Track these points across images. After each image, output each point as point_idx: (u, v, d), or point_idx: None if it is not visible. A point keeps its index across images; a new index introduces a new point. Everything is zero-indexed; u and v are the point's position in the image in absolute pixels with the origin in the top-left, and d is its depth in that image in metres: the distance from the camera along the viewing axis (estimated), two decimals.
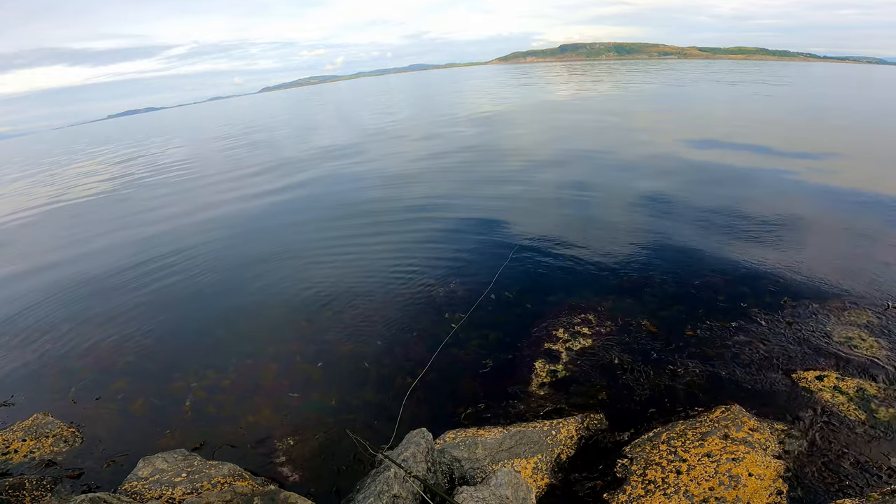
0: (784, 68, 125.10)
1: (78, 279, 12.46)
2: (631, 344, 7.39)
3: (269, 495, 3.89)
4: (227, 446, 6.26)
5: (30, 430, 6.54)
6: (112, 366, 8.36)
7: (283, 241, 13.58)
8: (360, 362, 7.70)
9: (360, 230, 13.50)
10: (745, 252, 10.09)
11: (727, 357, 6.92)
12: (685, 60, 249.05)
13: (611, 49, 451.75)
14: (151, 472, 4.99)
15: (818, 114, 31.91)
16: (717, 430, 5.36)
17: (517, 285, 9.49)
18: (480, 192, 16.09)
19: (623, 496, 4.77)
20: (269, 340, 8.61)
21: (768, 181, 15.22)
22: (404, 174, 19.90)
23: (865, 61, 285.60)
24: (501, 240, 11.81)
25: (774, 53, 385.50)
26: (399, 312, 9.01)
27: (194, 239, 14.66)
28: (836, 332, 7.18)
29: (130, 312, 10.23)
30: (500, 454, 5.22)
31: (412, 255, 11.35)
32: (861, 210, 12.34)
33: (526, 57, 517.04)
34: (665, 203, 13.57)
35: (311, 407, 6.85)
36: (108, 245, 15.26)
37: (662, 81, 65.68)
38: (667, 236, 11.24)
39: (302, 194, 18.65)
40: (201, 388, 7.49)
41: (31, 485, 5.19)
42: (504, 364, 7.29)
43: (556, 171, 18.06)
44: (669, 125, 26.77)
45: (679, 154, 19.64)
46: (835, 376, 6.21)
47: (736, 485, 4.61)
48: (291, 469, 5.82)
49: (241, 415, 6.82)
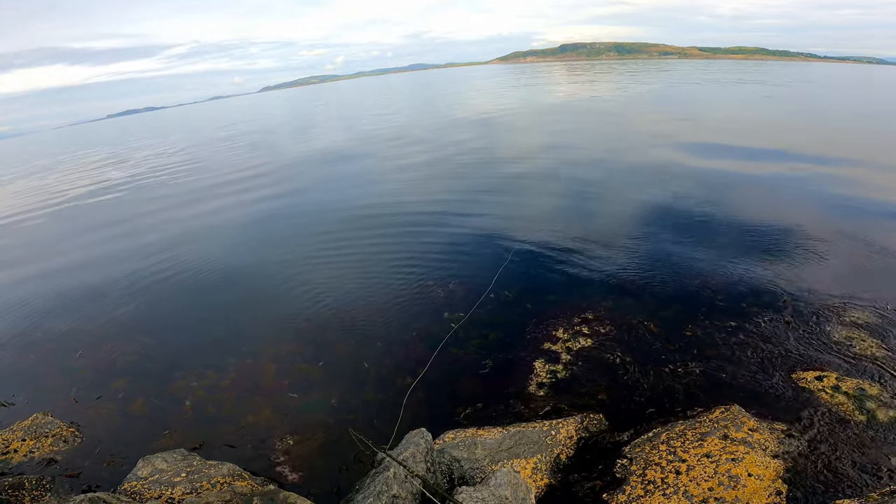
0: (785, 68, 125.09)
1: (76, 281, 12.49)
2: (631, 344, 7.39)
3: (268, 495, 3.89)
4: (227, 446, 6.27)
5: (29, 429, 6.54)
6: (112, 365, 8.38)
7: (282, 241, 13.60)
8: (359, 362, 7.71)
9: (359, 231, 13.50)
10: (745, 252, 10.09)
11: (727, 357, 6.92)
12: (685, 60, 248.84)
13: (611, 49, 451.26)
14: (151, 472, 4.99)
15: (820, 115, 31.96)
16: (716, 430, 5.36)
17: (517, 285, 9.50)
18: (480, 193, 16.09)
19: (622, 496, 4.77)
20: (269, 340, 8.62)
21: (771, 184, 15.20)
22: (405, 176, 19.89)
23: (865, 61, 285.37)
24: (501, 240, 11.82)
25: (774, 53, 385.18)
26: (399, 313, 9.01)
27: (190, 240, 14.72)
28: (836, 333, 7.19)
29: (131, 313, 10.26)
30: (499, 454, 5.22)
31: (412, 256, 11.35)
32: (862, 214, 12.34)
33: (526, 57, 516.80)
34: (665, 205, 13.57)
35: (310, 407, 6.85)
36: (109, 245, 15.29)
37: (666, 82, 65.55)
38: (667, 237, 11.24)
39: (301, 196, 18.63)
40: (201, 388, 7.50)
41: (31, 484, 5.20)
42: (504, 364, 7.29)
43: (556, 174, 18.07)
44: (671, 128, 26.74)
45: (679, 157, 19.61)
46: (834, 377, 6.21)
47: (735, 485, 4.61)
48: (291, 469, 5.83)
49: (240, 415, 6.83)
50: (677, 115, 31.78)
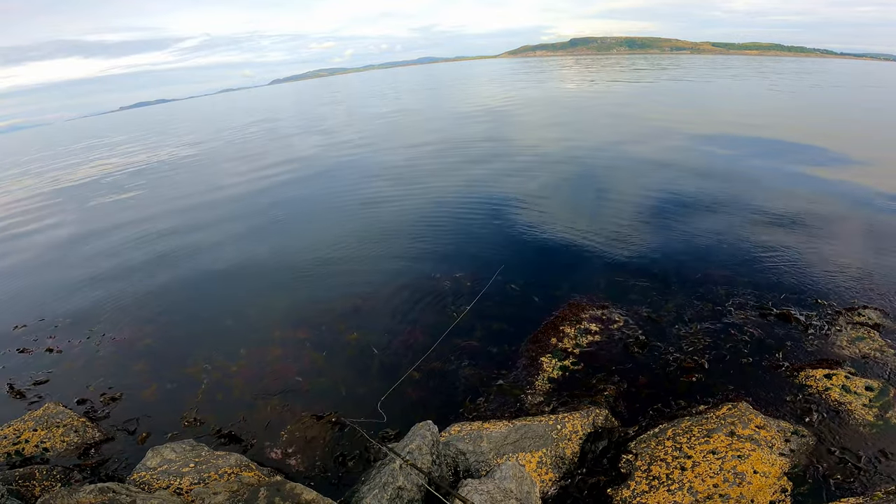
0: (805, 64, 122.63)
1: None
2: (638, 339, 7.36)
3: (274, 486, 3.92)
4: (235, 436, 6.34)
5: (41, 419, 6.63)
6: (122, 358, 8.49)
7: (294, 232, 13.74)
8: (366, 353, 7.77)
9: (367, 222, 13.60)
10: (757, 249, 10.01)
11: (736, 353, 6.89)
12: (698, 55, 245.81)
13: (622, 43, 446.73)
14: (160, 463, 5.04)
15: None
16: (723, 427, 5.34)
17: (523, 278, 9.50)
18: (488, 186, 16.07)
19: (627, 492, 4.77)
20: (278, 330, 8.73)
21: (788, 179, 15.05)
22: (412, 169, 19.86)
23: (883, 58, 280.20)
24: (508, 233, 11.82)
25: (790, 49, 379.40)
26: (405, 304, 9.07)
27: (205, 227, 14.85)
28: (847, 331, 7.13)
29: (141, 301, 10.41)
30: (504, 447, 5.23)
31: (419, 248, 11.40)
32: (879, 211, 12.20)
33: (535, 51, 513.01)
34: (676, 199, 13.46)
35: (317, 398, 6.91)
36: (110, 238, 15.46)
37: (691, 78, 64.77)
38: (678, 232, 11.18)
39: (310, 188, 18.73)
40: (211, 379, 7.59)
41: (42, 475, 5.26)
42: (510, 357, 7.31)
43: (566, 167, 18.00)
44: (681, 118, 26.50)
45: (693, 149, 19.49)
46: (843, 375, 6.15)
47: (741, 482, 4.59)
48: (297, 460, 5.89)
49: (250, 405, 6.90)
50: (696, 109, 31.46)
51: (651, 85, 52.63)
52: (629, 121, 27.31)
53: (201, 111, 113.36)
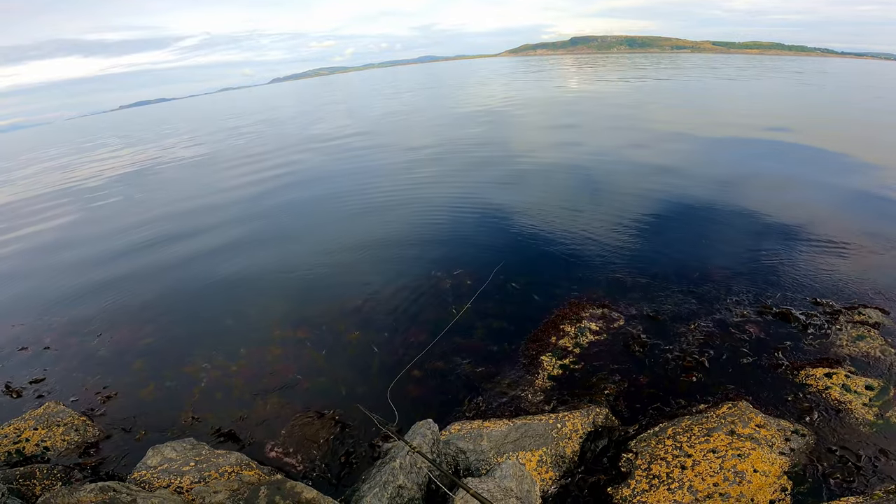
0: (807, 63, 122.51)
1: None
2: (638, 338, 7.36)
3: (275, 484, 3.93)
4: (235, 435, 6.34)
5: (41, 418, 6.62)
6: (120, 356, 8.49)
7: (294, 232, 13.72)
8: (367, 352, 7.77)
9: (367, 222, 13.59)
10: (756, 248, 10.01)
11: (736, 352, 6.88)
12: (698, 54, 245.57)
13: (622, 42, 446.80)
14: (160, 461, 5.04)
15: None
16: (723, 425, 5.34)
17: (523, 277, 9.49)
18: (488, 185, 16.05)
19: (627, 490, 4.77)
20: (278, 329, 8.72)
21: (787, 179, 15.05)
22: (412, 169, 19.83)
23: (884, 57, 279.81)
24: (509, 232, 11.81)
25: (791, 48, 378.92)
26: (405, 302, 9.07)
27: (206, 227, 14.83)
28: (847, 330, 7.12)
29: (141, 301, 10.40)
30: (505, 446, 5.23)
31: (419, 248, 11.39)
32: (880, 210, 12.19)
33: (536, 50, 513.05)
34: (676, 199, 13.46)
35: (318, 397, 6.92)
36: (111, 238, 15.45)
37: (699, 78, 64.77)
38: (677, 232, 11.18)
39: (310, 189, 18.69)
40: (211, 378, 7.59)
41: (42, 474, 5.27)
42: (510, 356, 7.31)
43: (566, 167, 18.00)
44: (677, 117, 26.51)
45: (688, 146, 19.49)
46: (844, 374, 6.15)
47: (741, 481, 4.59)
48: (298, 459, 5.89)
49: (250, 404, 6.90)
50: (688, 109, 31.43)
51: (656, 83, 52.67)
52: (629, 121, 27.26)
53: (201, 110, 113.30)
